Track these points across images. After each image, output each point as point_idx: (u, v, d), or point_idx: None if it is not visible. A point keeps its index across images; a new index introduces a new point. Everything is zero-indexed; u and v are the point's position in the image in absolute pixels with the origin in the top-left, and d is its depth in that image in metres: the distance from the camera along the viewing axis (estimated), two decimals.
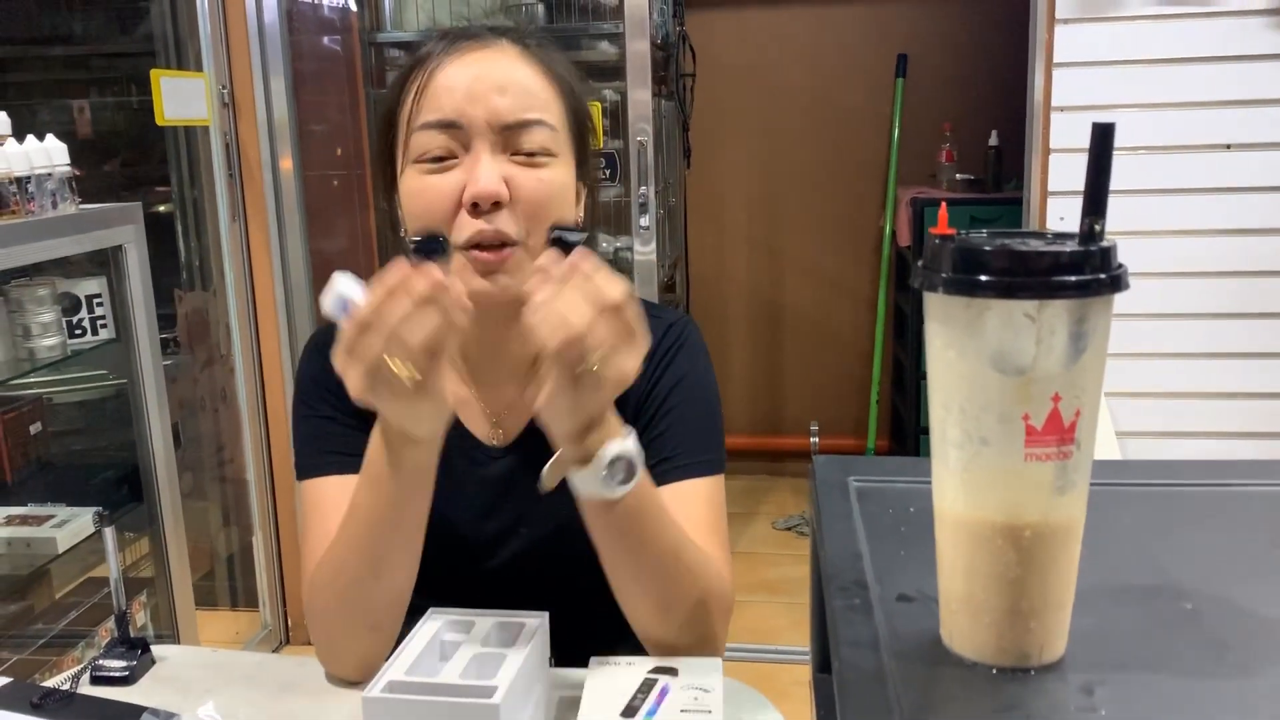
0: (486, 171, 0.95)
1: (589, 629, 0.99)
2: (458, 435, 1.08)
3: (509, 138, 0.97)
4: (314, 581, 0.99)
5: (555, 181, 0.99)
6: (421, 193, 0.98)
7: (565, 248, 0.83)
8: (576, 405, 0.82)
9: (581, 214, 1.06)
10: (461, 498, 1.08)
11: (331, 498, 1.02)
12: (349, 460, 1.01)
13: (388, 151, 1.04)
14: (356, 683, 0.99)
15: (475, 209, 0.95)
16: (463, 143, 0.97)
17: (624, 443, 0.86)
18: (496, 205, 0.95)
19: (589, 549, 1.06)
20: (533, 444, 1.07)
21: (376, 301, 0.79)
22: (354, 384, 0.81)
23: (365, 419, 0.94)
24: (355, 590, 0.96)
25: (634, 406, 1.06)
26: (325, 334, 1.10)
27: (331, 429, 1.07)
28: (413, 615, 1.21)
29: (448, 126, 0.97)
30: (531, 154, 0.98)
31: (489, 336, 1.07)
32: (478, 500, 1.09)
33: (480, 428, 1.10)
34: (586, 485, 0.87)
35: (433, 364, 0.80)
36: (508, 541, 1.09)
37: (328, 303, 0.81)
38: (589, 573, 1.09)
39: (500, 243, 0.96)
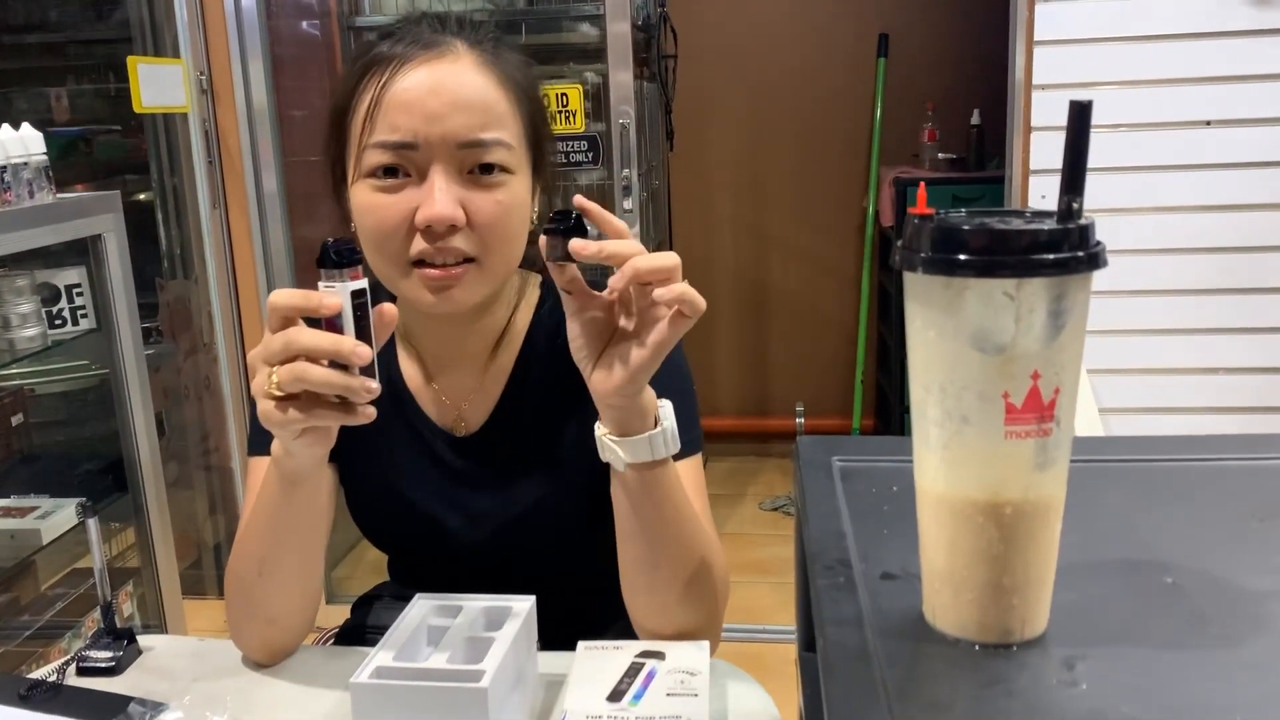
0: (441, 196, 0.92)
1: (553, 617, 0.98)
2: (419, 418, 1.09)
3: (465, 156, 0.94)
4: (228, 563, 1.00)
5: (511, 201, 0.96)
6: (373, 210, 0.94)
7: (565, 231, 0.83)
8: (654, 367, 0.85)
9: (536, 209, 1.03)
10: (425, 481, 1.08)
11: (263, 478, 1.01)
12: None
13: (337, 152, 1.01)
14: (264, 665, 1.01)
15: (429, 231, 0.93)
16: (417, 162, 0.93)
17: (666, 403, 0.90)
18: (452, 228, 0.93)
19: (547, 542, 1.09)
20: (491, 440, 1.08)
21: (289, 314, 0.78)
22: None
23: None
24: (243, 584, 0.97)
25: None
26: None
27: None
28: (392, 593, 1.21)
29: (403, 148, 0.93)
30: (488, 170, 0.95)
31: (448, 334, 1.07)
32: (440, 487, 1.09)
33: (441, 415, 1.10)
34: (642, 450, 0.89)
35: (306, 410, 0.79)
36: (468, 533, 1.09)
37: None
38: (550, 564, 1.11)
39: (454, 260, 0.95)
